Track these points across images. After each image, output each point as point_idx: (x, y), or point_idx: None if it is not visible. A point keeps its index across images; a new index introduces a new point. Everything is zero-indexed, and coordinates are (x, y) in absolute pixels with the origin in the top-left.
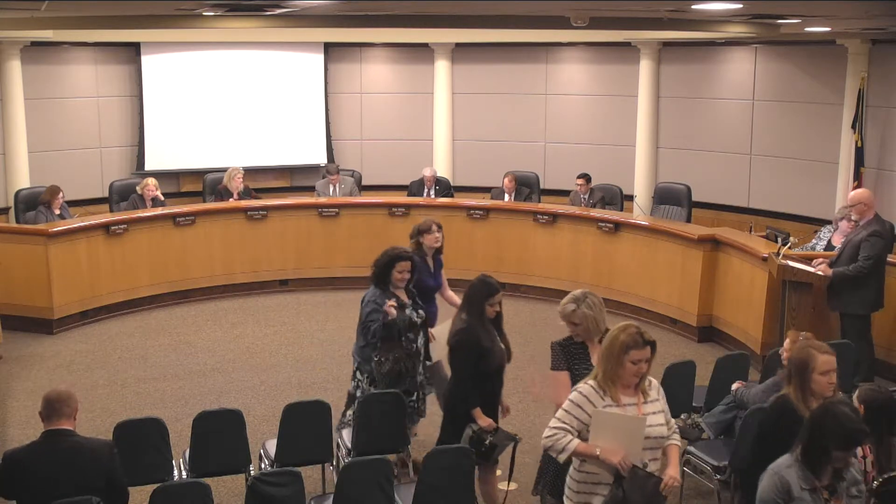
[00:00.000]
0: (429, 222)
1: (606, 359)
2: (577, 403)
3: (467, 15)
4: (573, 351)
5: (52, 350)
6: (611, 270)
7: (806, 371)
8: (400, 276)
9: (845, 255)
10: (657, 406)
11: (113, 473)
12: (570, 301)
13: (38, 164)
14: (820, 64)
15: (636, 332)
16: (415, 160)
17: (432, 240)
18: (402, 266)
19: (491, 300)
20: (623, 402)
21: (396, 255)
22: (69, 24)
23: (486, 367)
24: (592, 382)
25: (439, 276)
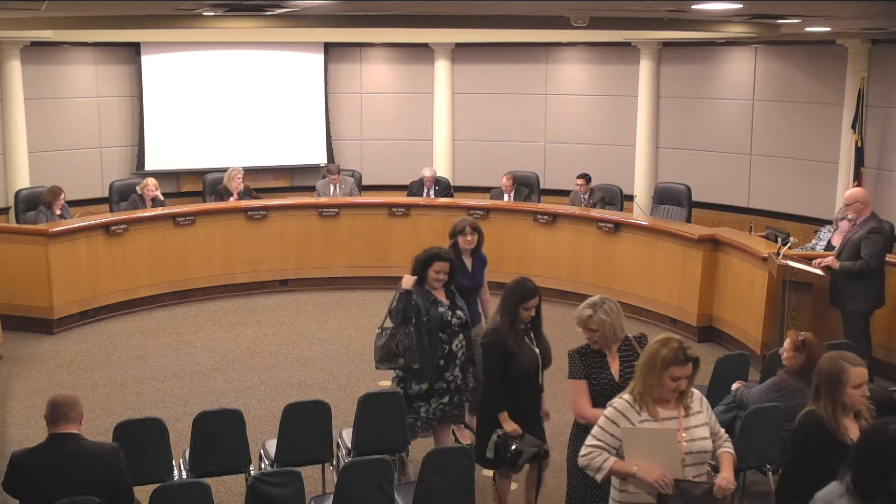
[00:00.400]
0: (462, 224)
1: (645, 373)
2: (611, 419)
3: (467, 15)
4: (591, 360)
5: (52, 350)
6: (611, 270)
7: (838, 385)
8: (435, 277)
9: (845, 253)
10: (700, 419)
11: (119, 477)
12: (586, 307)
13: (38, 164)
14: (820, 64)
15: (678, 348)
16: (415, 160)
17: (465, 242)
18: (439, 266)
19: (525, 304)
20: (661, 416)
21: (434, 254)
22: (69, 24)
23: (514, 372)
24: (628, 397)
25: (479, 276)
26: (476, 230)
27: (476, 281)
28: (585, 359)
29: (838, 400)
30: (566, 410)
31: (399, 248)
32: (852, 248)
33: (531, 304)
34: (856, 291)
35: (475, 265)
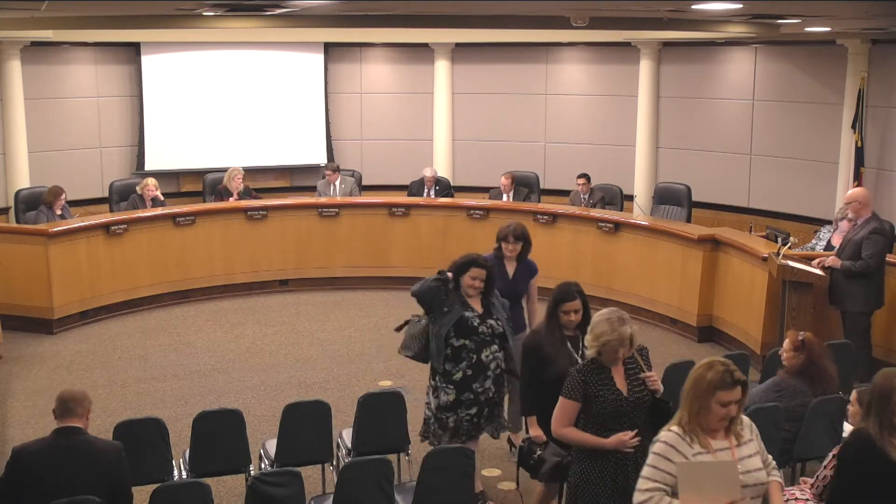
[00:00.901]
0: (506, 231)
1: (691, 400)
2: (663, 456)
3: (467, 15)
4: (595, 376)
5: (52, 350)
6: (611, 270)
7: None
8: (471, 283)
9: (846, 253)
10: (752, 447)
11: (120, 476)
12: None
13: (38, 164)
14: (820, 64)
15: (724, 371)
16: (415, 160)
17: (507, 249)
18: (475, 273)
19: (563, 306)
20: (714, 447)
21: (472, 259)
22: (69, 24)
23: (549, 377)
24: (676, 429)
25: (520, 284)
26: (520, 238)
27: (516, 288)
28: (587, 377)
29: (886, 421)
30: None
31: (399, 248)
32: (853, 248)
33: (569, 307)
34: (856, 291)
35: (519, 273)
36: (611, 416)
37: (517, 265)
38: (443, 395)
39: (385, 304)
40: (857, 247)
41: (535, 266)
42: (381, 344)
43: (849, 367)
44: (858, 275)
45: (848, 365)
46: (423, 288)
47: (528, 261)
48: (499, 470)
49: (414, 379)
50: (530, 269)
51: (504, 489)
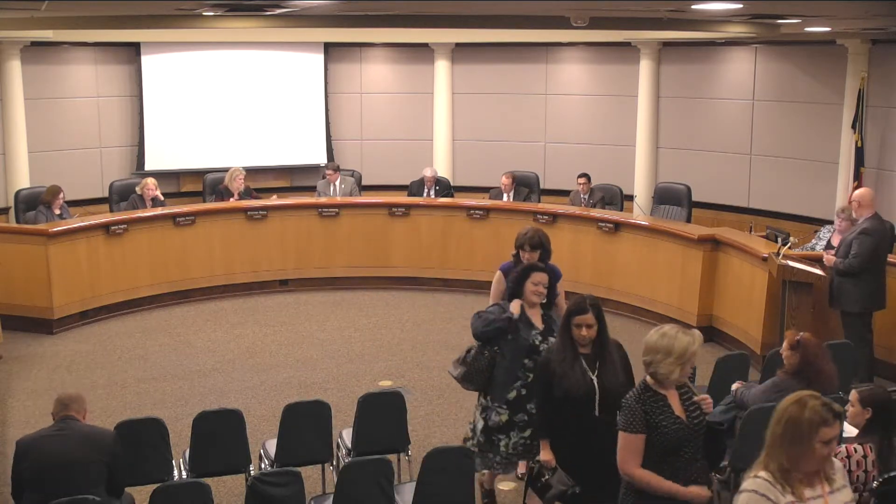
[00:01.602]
0: (522, 239)
1: (789, 443)
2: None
3: (467, 15)
4: (653, 404)
5: (52, 350)
6: (611, 270)
7: None
8: (534, 290)
9: (840, 252)
10: (847, 494)
11: (116, 461)
12: (659, 337)
13: (38, 164)
14: (820, 64)
15: (822, 406)
16: (415, 160)
17: (524, 256)
18: (538, 278)
19: (575, 319)
20: (807, 496)
21: (530, 265)
22: (69, 24)
23: (558, 394)
24: (765, 475)
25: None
26: (536, 247)
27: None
28: (646, 404)
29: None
30: None
31: (399, 248)
32: (846, 247)
33: (581, 320)
34: (849, 291)
35: None
36: (673, 446)
37: None
38: (494, 416)
39: (385, 304)
40: (849, 246)
41: (559, 270)
42: (381, 344)
43: (848, 367)
44: (844, 274)
45: (847, 365)
46: (489, 332)
47: (549, 265)
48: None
49: (414, 379)
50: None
51: (504, 489)
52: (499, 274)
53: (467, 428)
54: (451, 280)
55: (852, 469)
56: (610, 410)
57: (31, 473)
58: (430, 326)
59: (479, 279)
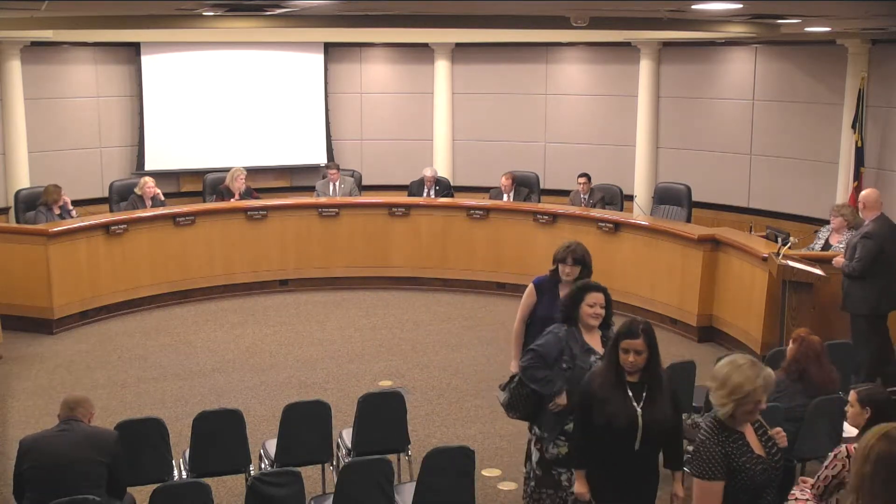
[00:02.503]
0: (565, 252)
1: (883, 483)
2: None
3: (467, 15)
4: (732, 444)
5: (52, 350)
6: (611, 270)
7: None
8: (591, 312)
9: (847, 255)
10: None
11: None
12: (736, 368)
13: (38, 164)
14: (820, 64)
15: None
16: (415, 160)
17: (563, 271)
18: (594, 298)
19: (623, 343)
20: None
21: (584, 285)
22: (69, 24)
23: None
24: None
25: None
26: (579, 262)
27: None
28: (725, 446)
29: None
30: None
31: (399, 249)
32: (851, 250)
33: (630, 345)
34: (854, 293)
35: None
36: (756, 490)
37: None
38: (552, 448)
39: (385, 304)
40: (854, 249)
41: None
42: (381, 344)
43: (848, 367)
44: (850, 277)
45: (847, 365)
46: (534, 386)
47: None
48: (499, 470)
49: (414, 379)
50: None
51: (504, 489)
52: (531, 287)
53: (524, 462)
54: (450, 280)
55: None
56: (652, 445)
57: (32, 473)
58: (430, 326)
59: (479, 279)
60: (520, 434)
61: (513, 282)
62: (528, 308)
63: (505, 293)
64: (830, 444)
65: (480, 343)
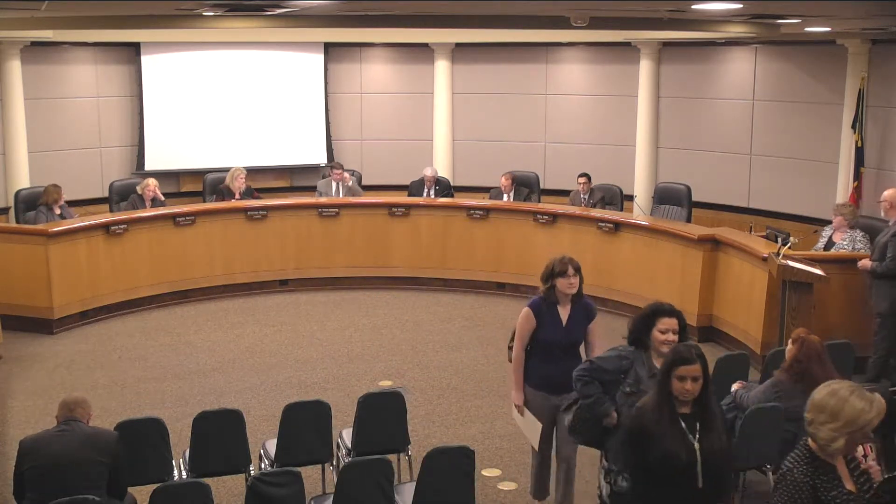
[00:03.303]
0: (564, 263)
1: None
2: None
3: (467, 15)
4: (822, 477)
5: (52, 350)
6: (611, 270)
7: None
8: (662, 338)
9: (875, 255)
10: None
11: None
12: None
13: (38, 164)
14: (820, 64)
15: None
16: (415, 160)
17: (566, 285)
18: (665, 324)
19: (678, 370)
20: None
21: (656, 308)
22: (69, 24)
23: (653, 461)
24: None
25: (577, 330)
26: (578, 270)
27: (571, 336)
28: (815, 478)
29: None
30: None
31: (399, 248)
32: (881, 249)
33: (687, 371)
34: (885, 293)
35: (574, 316)
36: None
37: (571, 307)
38: (620, 481)
39: (385, 304)
40: (884, 248)
41: (594, 306)
42: (381, 344)
43: (848, 367)
44: (882, 276)
45: (847, 365)
46: (586, 409)
47: (584, 300)
48: (499, 470)
49: (414, 379)
50: (587, 311)
51: (504, 489)
52: (527, 312)
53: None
54: (450, 280)
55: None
56: (713, 481)
57: (32, 473)
58: (430, 326)
59: (479, 279)
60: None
61: (513, 282)
62: (527, 333)
63: (505, 293)
64: None
65: (480, 343)
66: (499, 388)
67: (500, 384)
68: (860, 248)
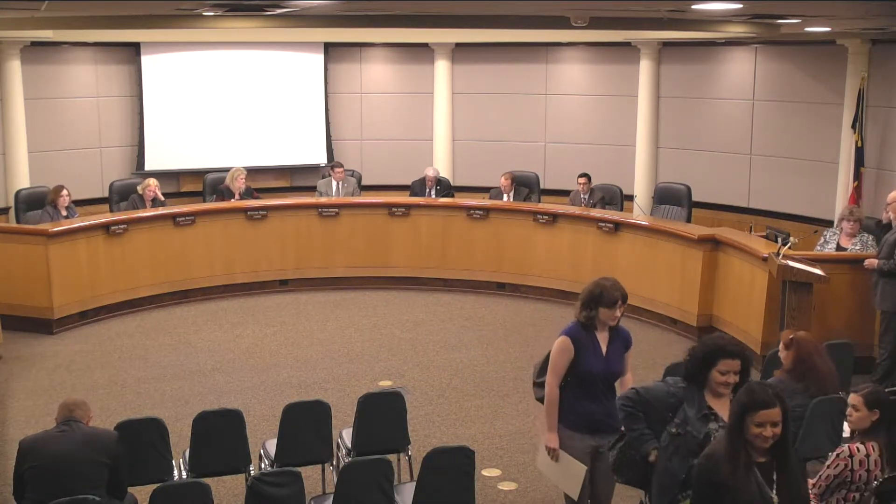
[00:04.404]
0: (614, 293)
1: None
2: None
3: (467, 15)
4: None
5: (52, 350)
6: (611, 270)
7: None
8: (722, 380)
9: (883, 253)
10: None
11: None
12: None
13: (38, 164)
14: (820, 64)
15: None
16: (415, 160)
17: (610, 317)
18: (728, 365)
19: (757, 416)
20: None
21: (719, 347)
22: (69, 24)
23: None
24: None
25: (617, 361)
26: (626, 300)
27: (612, 367)
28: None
29: None
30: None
31: (399, 248)
32: (889, 248)
33: (766, 416)
34: (886, 291)
35: (613, 345)
36: None
37: (610, 335)
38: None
39: (385, 304)
40: (892, 247)
41: (629, 334)
42: (381, 344)
43: (847, 366)
44: (889, 274)
45: (847, 365)
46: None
47: (620, 328)
48: (499, 470)
49: (414, 379)
50: (625, 340)
51: (504, 489)
52: (565, 342)
53: None
54: (450, 280)
55: (854, 468)
56: None
57: (32, 474)
58: (429, 326)
59: (479, 279)
60: (520, 434)
61: (513, 282)
62: (563, 367)
63: (505, 293)
64: (830, 444)
65: (480, 343)
66: (499, 388)
67: (500, 384)
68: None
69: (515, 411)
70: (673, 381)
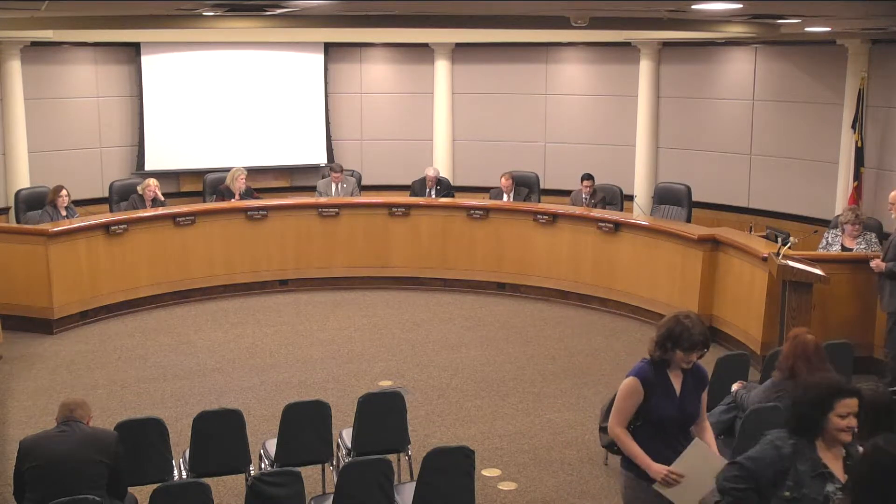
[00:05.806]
0: (696, 339)
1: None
2: None
3: (467, 15)
4: None
5: (52, 350)
6: (611, 270)
7: None
8: (843, 424)
9: (889, 255)
10: None
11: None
12: None
13: (38, 164)
14: (820, 64)
15: None
16: (415, 160)
17: (684, 360)
18: (847, 406)
19: (839, 404)
20: None
21: (836, 387)
22: (69, 24)
23: None
24: None
25: (692, 403)
26: (706, 344)
27: (687, 410)
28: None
29: None
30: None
31: (399, 248)
32: (894, 250)
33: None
34: (893, 292)
35: (688, 385)
36: None
37: (684, 372)
38: None
39: (385, 304)
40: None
41: (706, 373)
42: (381, 344)
43: (848, 367)
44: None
45: (847, 365)
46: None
47: (696, 365)
48: (499, 470)
49: (414, 379)
50: (702, 379)
51: (504, 489)
52: (633, 383)
53: None
54: (451, 280)
55: None
56: None
57: (32, 474)
58: (429, 326)
59: (479, 279)
60: (520, 434)
61: (513, 282)
62: (630, 412)
63: (505, 293)
64: None
65: (480, 343)
66: (499, 388)
67: (500, 384)
68: (877, 248)
69: (515, 411)
70: (777, 436)
